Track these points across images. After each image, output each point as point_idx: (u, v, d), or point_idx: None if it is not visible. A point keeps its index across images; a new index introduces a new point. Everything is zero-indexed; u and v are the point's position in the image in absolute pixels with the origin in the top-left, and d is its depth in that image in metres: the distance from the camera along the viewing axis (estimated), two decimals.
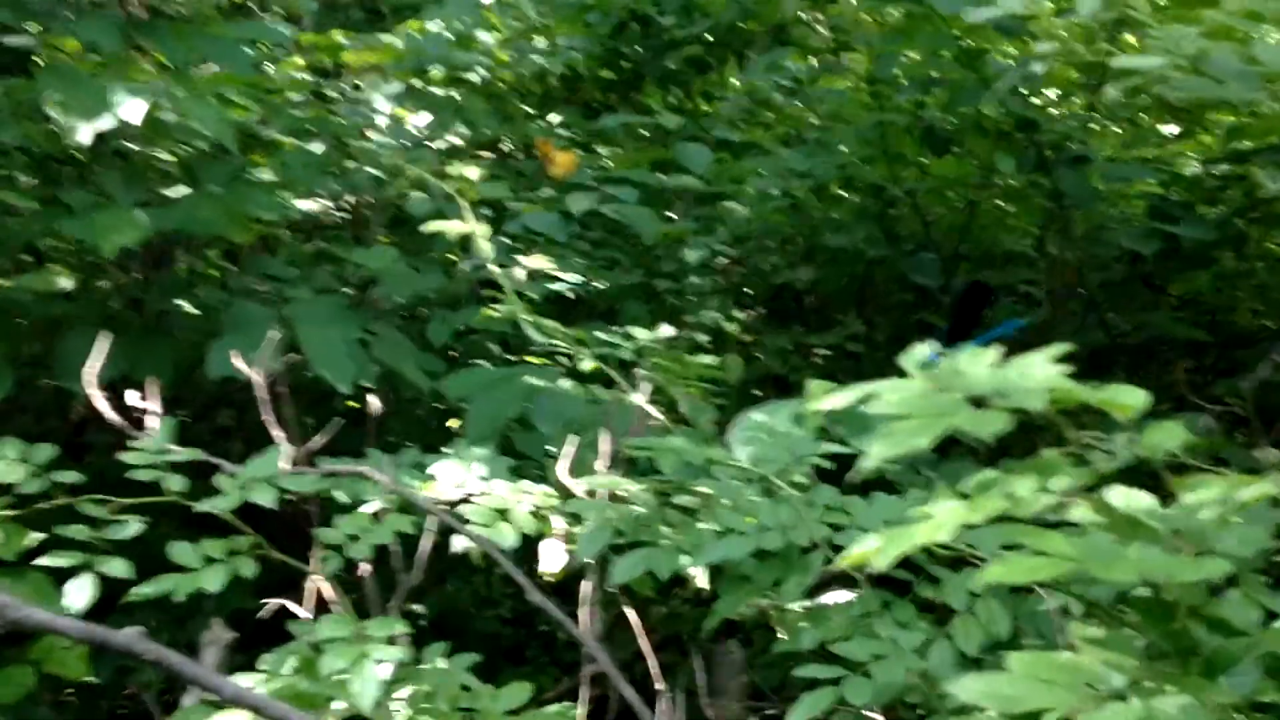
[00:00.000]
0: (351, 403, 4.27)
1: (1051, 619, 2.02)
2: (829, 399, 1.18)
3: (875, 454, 1.07)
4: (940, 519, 1.10)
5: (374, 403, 3.93)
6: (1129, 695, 1.02)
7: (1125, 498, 1.22)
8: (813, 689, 2.05)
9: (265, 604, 2.66)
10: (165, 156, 3.56)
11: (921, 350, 1.26)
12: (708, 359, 2.71)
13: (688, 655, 3.37)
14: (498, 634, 3.92)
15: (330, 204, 4.23)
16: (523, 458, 3.18)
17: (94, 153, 3.47)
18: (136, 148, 3.47)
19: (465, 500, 2.71)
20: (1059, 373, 1.13)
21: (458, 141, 4.35)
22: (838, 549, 2.22)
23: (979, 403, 1.09)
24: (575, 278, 3.83)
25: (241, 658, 3.23)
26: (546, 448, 3.02)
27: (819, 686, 2.02)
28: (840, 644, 2.06)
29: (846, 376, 4.25)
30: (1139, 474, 1.31)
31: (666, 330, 2.72)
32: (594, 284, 3.89)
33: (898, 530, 1.11)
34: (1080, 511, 1.15)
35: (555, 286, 3.80)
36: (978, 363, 1.14)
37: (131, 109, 2.68)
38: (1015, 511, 1.09)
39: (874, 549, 1.14)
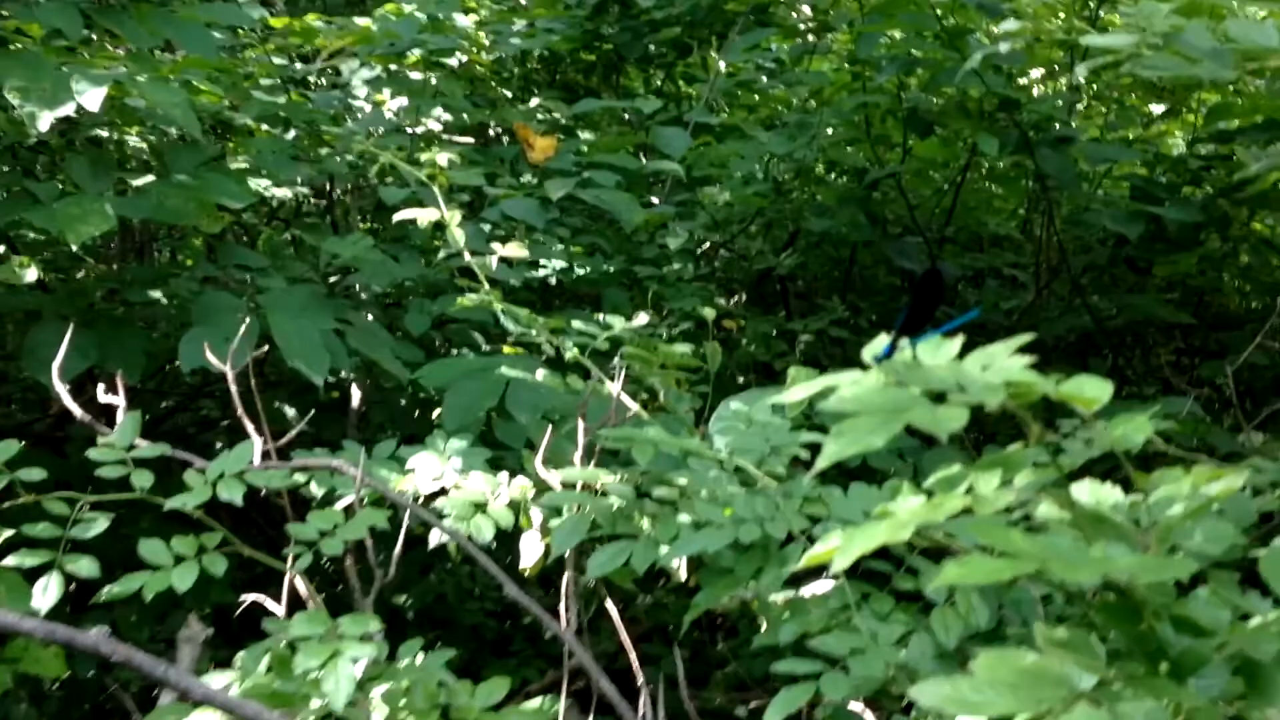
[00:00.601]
0: (335, 392, 4.24)
1: (1036, 607, 2.00)
2: (793, 391, 1.15)
3: (828, 454, 1.04)
4: (901, 517, 1.06)
5: (355, 392, 3.91)
6: (1096, 698, 0.99)
7: (1092, 492, 1.19)
8: (792, 684, 2.03)
9: (243, 602, 2.64)
10: (136, 143, 3.52)
11: (878, 343, 1.23)
12: (683, 348, 2.67)
13: (672, 644, 3.35)
14: (482, 626, 3.90)
15: (307, 190, 4.19)
16: (502, 447, 3.15)
17: (65, 140, 3.44)
18: (106, 134, 3.43)
19: (442, 493, 2.68)
20: (1020, 365, 1.09)
21: (436, 126, 4.31)
22: (815, 541, 2.19)
23: (938, 398, 1.05)
24: (556, 263, 3.80)
25: (227, 651, 3.22)
26: (528, 438, 2.99)
27: (798, 682, 2.00)
28: (818, 638, 2.04)
29: (831, 362, 4.25)
30: (1115, 463, 1.29)
31: (642, 319, 2.69)
32: (576, 269, 3.85)
33: (858, 529, 1.08)
34: (1045, 507, 1.12)
35: (537, 273, 3.77)
36: (937, 355, 1.11)
37: (91, 97, 2.63)
38: (978, 509, 1.06)
39: (834, 548, 1.11)
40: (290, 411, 4.04)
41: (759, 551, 2.22)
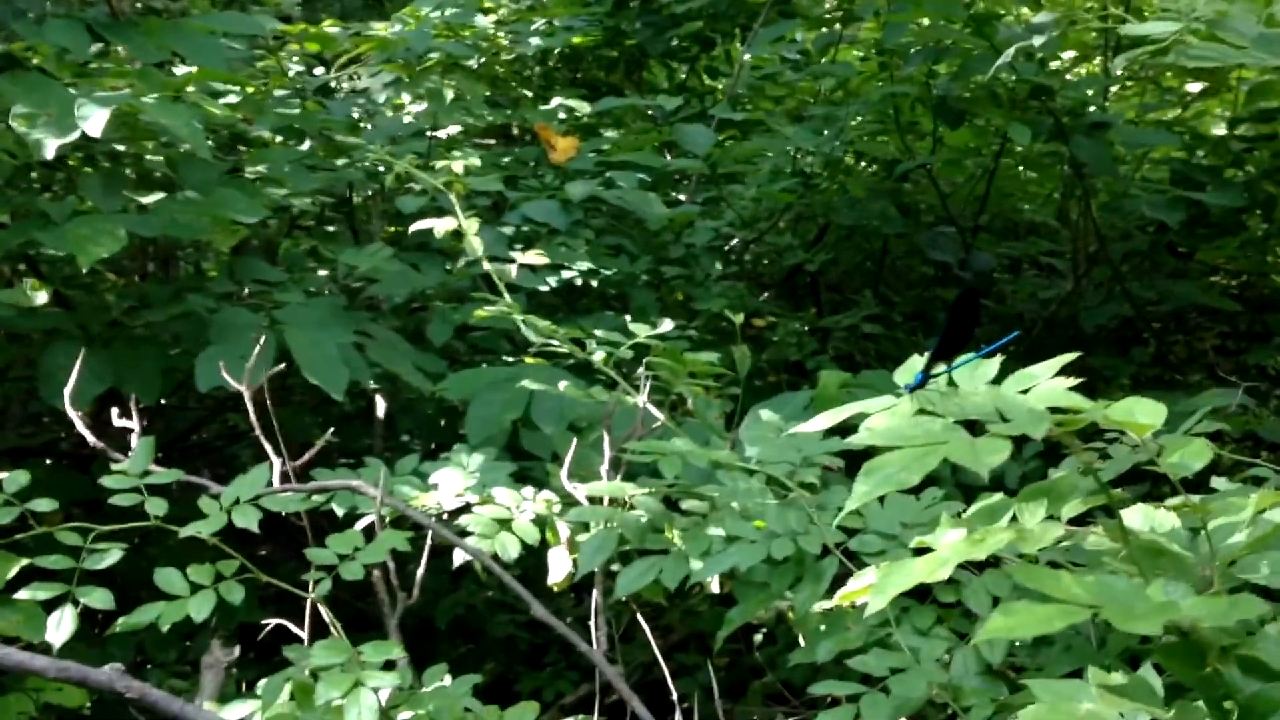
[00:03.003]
0: (360, 401, 4.17)
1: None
2: (817, 420, 1.07)
3: (859, 495, 0.96)
4: (941, 554, 0.98)
5: (380, 402, 3.83)
6: None
7: (1146, 517, 1.10)
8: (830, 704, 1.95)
9: (268, 624, 2.57)
10: (151, 157, 3.45)
11: (912, 366, 1.14)
12: (711, 356, 2.59)
13: (708, 652, 3.27)
14: (514, 638, 3.82)
15: (328, 199, 4.12)
16: (528, 457, 3.07)
17: (83, 155, 3.38)
18: (123, 148, 3.37)
19: (466, 509, 2.61)
20: (1064, 388, 1.01)
21: (456, 130, 4.24)
22: (851, 555, 2.11)
23: (977, 428, 0.97)
24: (581, 266, 3.72)
25: (254, 671, 3.15)
26: (553, 449, 2.92)
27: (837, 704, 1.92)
28: (858, 658, 1.95)
29: (865, 359, 4.15)
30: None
31: (667, 325, 2.60)
32: (601, 271, 3.78)
33: (895, 566, 1.00)
34: (1095, 538, 1.03)
35: (563, 275, 3.69)
36: (974, 379, 1.03)
37: (95, 121, 2.57)
38: (1023, 546, 0.98)
39: (869, 586, 1.03)
40: (316, 420, 3.97)
41: (793, 565, 2.14)
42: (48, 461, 4.09)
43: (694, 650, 3.56)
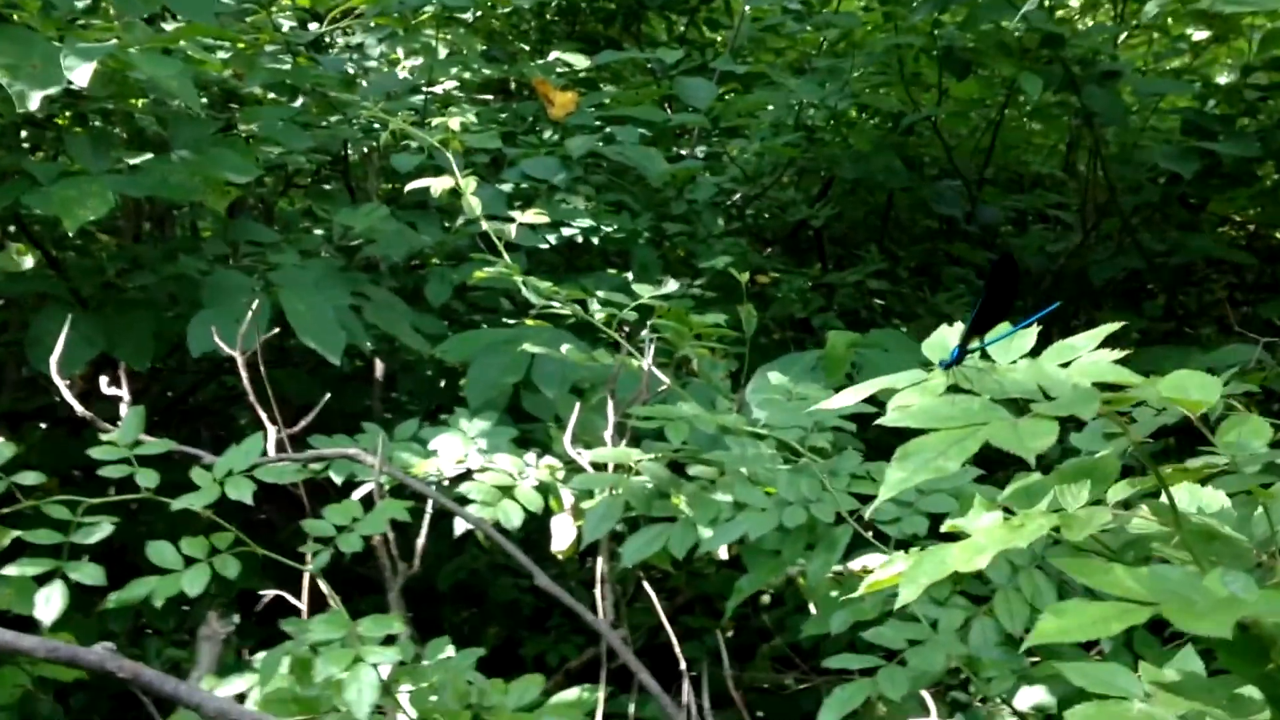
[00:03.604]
0: (358, 361, 4.10)
1: None
2: (839, 397, 1.00)
3: (893, 483, 0.89)
4: (978, 540, 0.91)
5: (379, 363, 3.76)
6: None
7: (1192, 497, 1.03)
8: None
9: (269, 591, 2.51)
10: (141, 116, 3.37)
11: (943, 336, 1.07)
12: (716, 317, 2.52)
13: (715, 615, 3.22)
14: (517, 602, 3.76)
15: (324, 156, 4.04)
16: (531, 419, 3.01)
17: (73, 114, 3.30)
18: (113, 106, 3.29)
19: (467, 476, 2.55)
20: (1109, 361, 0.93)
21: (452, 85, 4.15)
22: (865, 522, 2.05)
23: (1017, 406, 0.90)
24: (582, 223, 3.65)
25: (254, 639, 3.10)
26: (555, 412, 2.85)
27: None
28: (873, 630, 1.89)
29: (870, 315, 4.07)
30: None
31: (671, 285, 2.53)
32: (602, 227, 3.70)
33: (927, 555, 0.93)
34: (1142, 522, 0.96)
35: (563, 233, 3.62)
36: (1010, 354, 0.95)
37: (81, 73, 2.48)
38: (1068, 534, 0.91)
39: (899, 574, 0.96)
40: (314, 379, 3.90)
41: (805, 532, 2.07)
42: (43, 426, 4.03)
43: (700, 613, 3.51)
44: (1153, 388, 0.94)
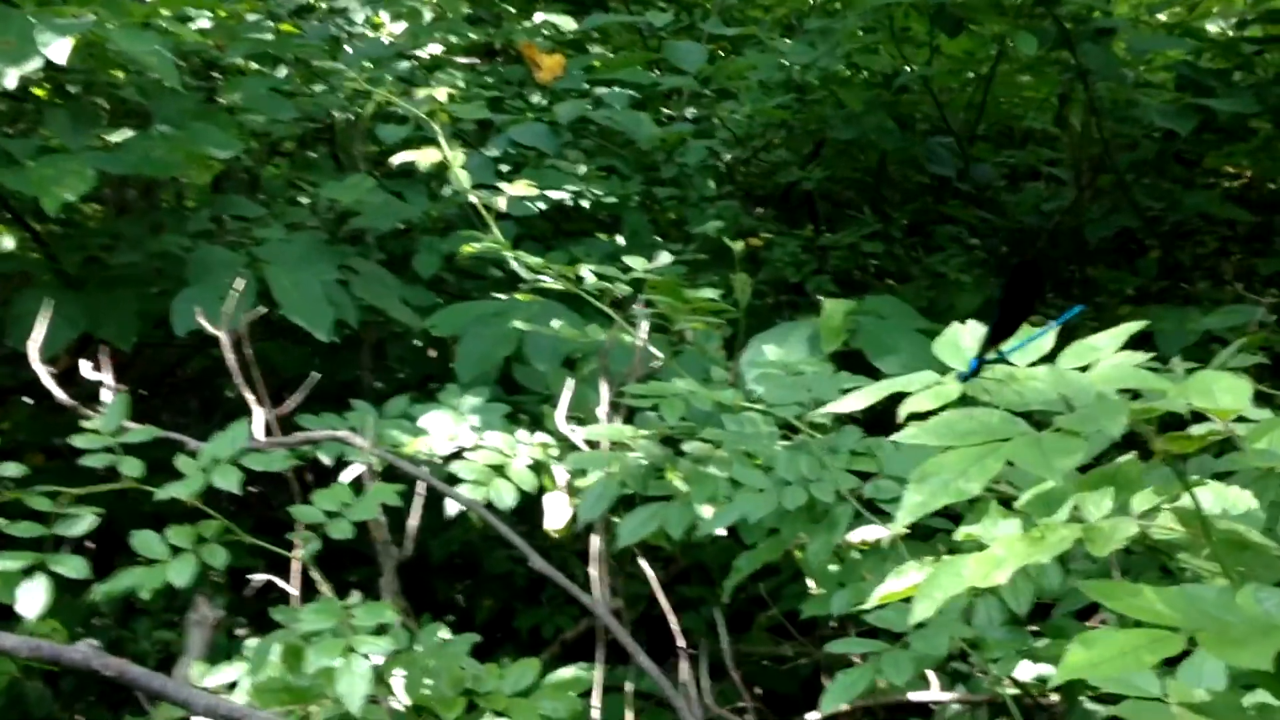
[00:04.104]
0: (349, 329, 4.04)
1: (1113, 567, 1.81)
2: (847, 401, 0.95)
3: (911, 507, 0.84)
4: (996, 553, 0.87)
5: (368, 335, 3.71)
6: None
7: (1217, 497, 0.99)
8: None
9: (260, 571, 2.46)
10: (123, 90, 3.30)
11: (957, 336, 1.02)
12: (710, 292, 2.47)
13: (712, 583, 3.18)
14: (511, 573, 3.72)
15: (310, 124, 3.97)
16: (523, 391, 2.97)
17: (55, 87, 3.23)
18: (94, 79, 3.22)
19: (458, 454, 2.51)
20: (1134, 365, 0.89)
21: (439, 50, 4.08)
22: (866, 502, 2.01)
23: (1038, 420, 0.86)
24: (570, 188, 3.58)
25: (249, 609, 3.05)
26: (547, 387, 2.81)
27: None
28: (875, 612, 1.85)
29: (863, 275, 4.01)
30: None
31: (664, 258, 2.48)
32: (593, 192, 3.64)
33: (943, 567, 0.89)
34: (1165, 529, 0.92)
35: (552, 197, 3.55)
36: (1029, 357, 0.90)
37: (58, 49, 2.42)
38: (1092, 548, 0.87)
39: (911, 587, 0.92)
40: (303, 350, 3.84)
41: (805, 512, 2.03)
42: (29, 401, 3.97)
43: (697, 581, 3.47)
44: (1181, 394, 0.89)
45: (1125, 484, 0.93)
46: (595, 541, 2.44)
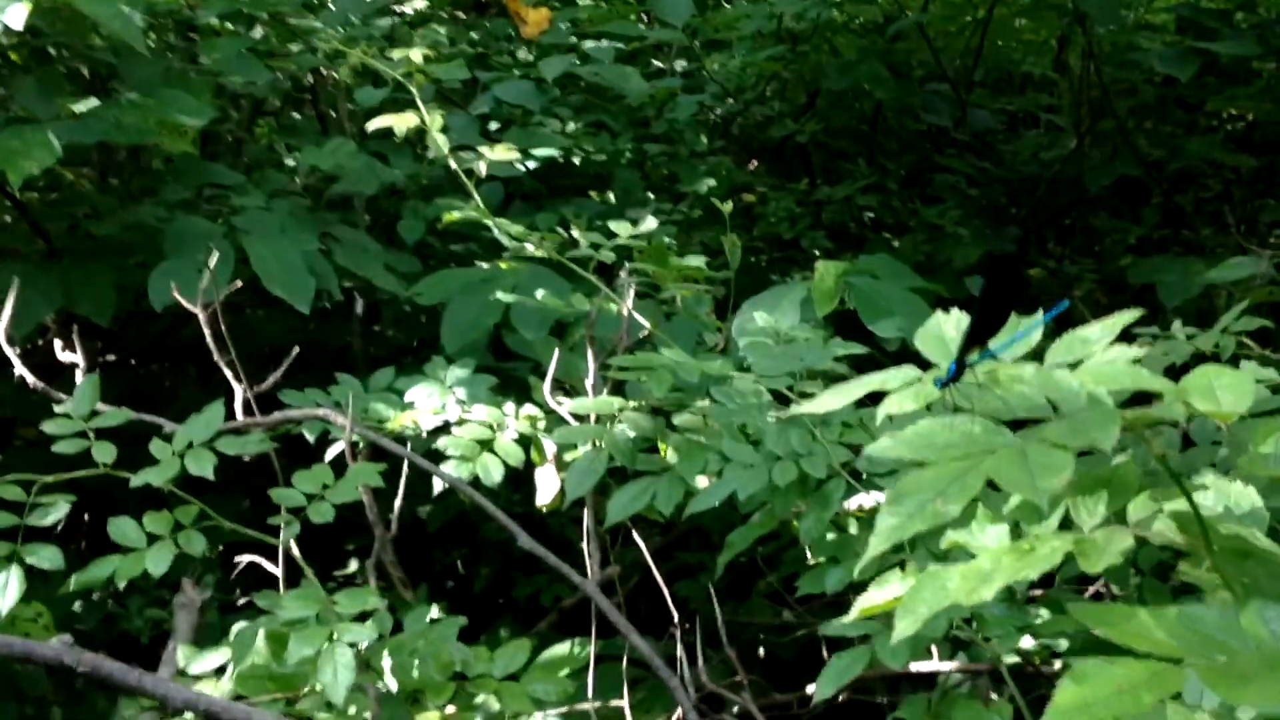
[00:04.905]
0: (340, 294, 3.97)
1: None
2: (822, 401, 0.89)
3: (885, 531, 0.78)
4: (983, 566, 0.81)
5: (358, 298, 3.64)
6: None
7: (1218, 494, 0.92)
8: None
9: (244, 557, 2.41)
10: (99, 50, 3.21)
11: (943, 322, 0.95)
12: (698, 260, 2.40)
13: (709, 548, 3.13)
14: (508, 542, 3.66)
15: (290, 85, 3.89)
16: (512, 357, 2.91)
17: (29, 51, 3.15)
18: (65, 41, 3.13)
19: (444, 428, 2.45)
20: (1126, 361, 0.82)
21: (423, 4, 3.99)
22: (859, 475, 1.95)
23: (1024, 424, 0.79)
24: (560, 145, 3.51)
25: (239, 581, 3.00)
26: (536, 361, 2.75)
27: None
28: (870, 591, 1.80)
29: (859, 228, 3.93)
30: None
31: (650, 222, 2.41)
32: (583, 149, 3.57)
33: (925, 580, 0.83)
34: (1160, 533, 0.86)
35: (540, 154, 3.48)
36: (1015, 356, 0.84)
37: (14, 14, 2.35)
38: (1086, 564, 0.81)
39: (895, 599, 0.86)
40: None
41: (797, 486, 1.98)
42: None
43: (695, 546, 3.42)
44: (1179, 396, 0.82)
45: (1121, 488, 0.87)
46: (586, 518, 2.38)
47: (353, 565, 3.62)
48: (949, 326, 0.98)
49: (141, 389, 4.09)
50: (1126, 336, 0.89)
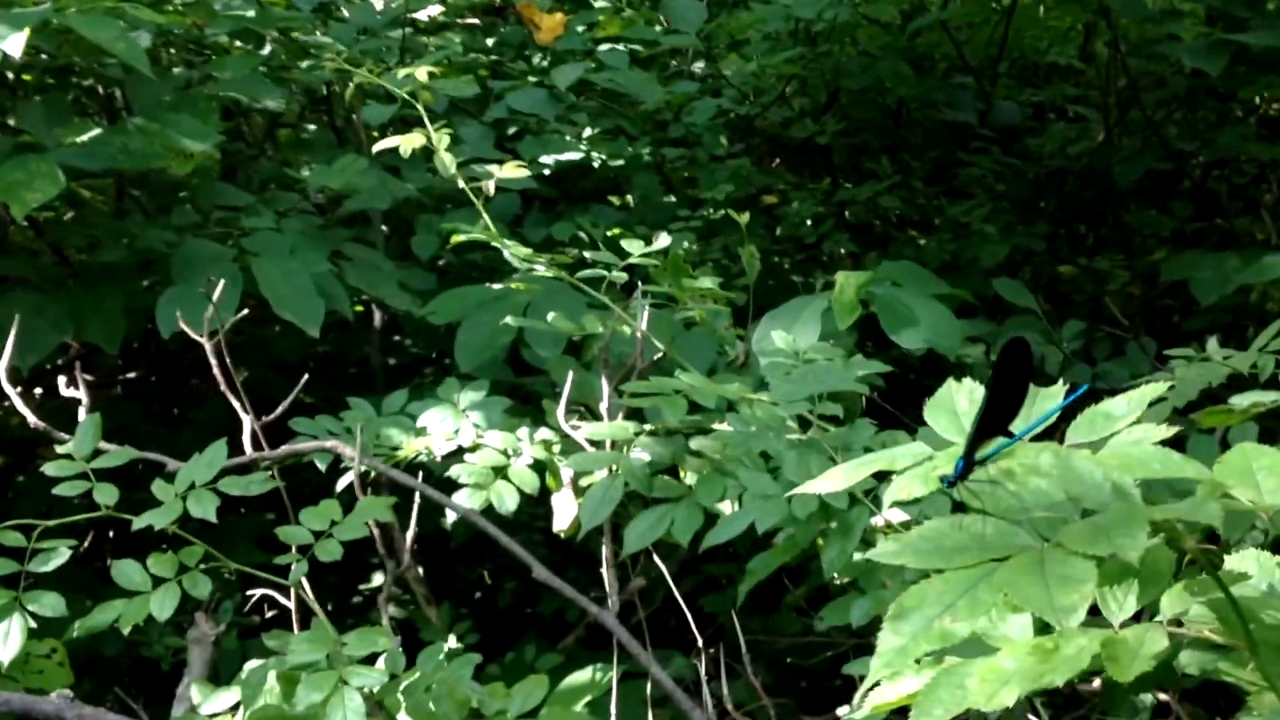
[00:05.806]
0: (359, 306, 3.93)
1: None
2: (817, 483, 0.82)
3: (886, 653, 0.72)
4: (1003, 666, 0.74)
5: (376, 312, 3.60)
6: None
7: (1260, 569, 0.85)
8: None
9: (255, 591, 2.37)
10: (107, 72, 3.17)
11: (955, 391, 0.88)
12: (710, 281, 2.34)
13: (736, 559, 3.07)
14: (533, 555, 3.62)
15: (303, 99, 3.85)
16: (533, 371, 2.86)
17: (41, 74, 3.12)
18: (76, 65, 3.10)
19: (458, 453, 2.40)
20: (1152, 442, 0.75)
21: (437, 11, 3.94)
22: (882, 500, 1.89)
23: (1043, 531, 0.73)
24: (573, 155, 3.46)
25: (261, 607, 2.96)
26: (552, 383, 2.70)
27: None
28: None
29: (883, 227, 3.86)
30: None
31: (664, 240, 2.35)
32: (599, 156, 3.51)
33: (943, 678, 0.77)
34: (1195, 625, 0.79)
35: (558, 159, 3.43)
36: (1027, 421, 0.77)
37: (13, 43, 2.30)
38: (1113, 669, 0.74)
39: (910, 695, 0.80)
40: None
41: (819, 516, 1.91)
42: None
43: (722, 558, 3.36)
44: (1216, 491, 0.75)
45: (1153, 576, 0.80)
46: (604, 547, 2.33)
47: (377, 579, 3.58)
48: (961, 398, 0.91)
49: (165, 401, 4.07)
50: (1160, 357, 0.83)
